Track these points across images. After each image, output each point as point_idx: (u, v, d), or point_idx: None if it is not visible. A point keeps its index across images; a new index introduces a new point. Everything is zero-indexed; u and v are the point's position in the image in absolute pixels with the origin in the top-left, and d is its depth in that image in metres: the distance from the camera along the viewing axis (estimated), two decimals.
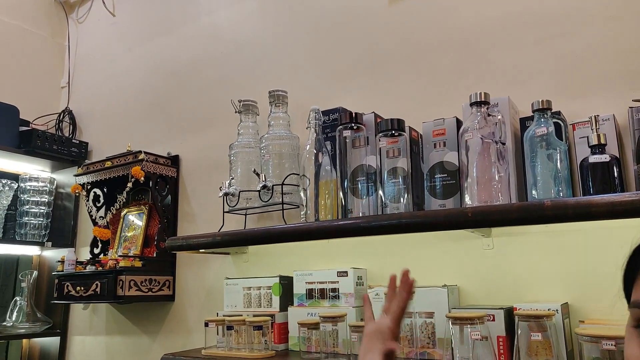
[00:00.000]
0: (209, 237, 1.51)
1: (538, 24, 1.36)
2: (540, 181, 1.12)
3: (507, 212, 1.02)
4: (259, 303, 1.56)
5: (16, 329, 2.12)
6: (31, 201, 2.29)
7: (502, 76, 1.39)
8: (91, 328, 2.21)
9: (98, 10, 2.58)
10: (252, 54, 1.95)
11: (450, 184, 1.23)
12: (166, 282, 1.92)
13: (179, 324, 1.93)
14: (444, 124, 1.27)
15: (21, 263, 2.43)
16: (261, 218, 1.74)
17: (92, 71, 2.57)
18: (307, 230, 1.30)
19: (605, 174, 1.06)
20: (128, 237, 2.03)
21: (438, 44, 1.52)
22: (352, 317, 1.35)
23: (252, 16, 1.98)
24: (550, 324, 1.02)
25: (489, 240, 1.31)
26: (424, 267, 1.40)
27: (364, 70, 1.65)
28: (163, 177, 1.97)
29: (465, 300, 1.33)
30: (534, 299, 1.23)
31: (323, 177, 1.39)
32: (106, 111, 2.44)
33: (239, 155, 1.65)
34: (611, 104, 1.20)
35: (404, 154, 1.27)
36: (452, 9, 1.51)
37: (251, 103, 1.71)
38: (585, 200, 0.94)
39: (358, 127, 1.36)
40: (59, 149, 2.28)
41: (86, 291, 1.83)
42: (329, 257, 1.57)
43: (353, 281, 1.40)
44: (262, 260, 1.74)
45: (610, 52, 1.25)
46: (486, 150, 1.13)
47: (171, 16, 2.26)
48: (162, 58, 2.25)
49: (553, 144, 1.12)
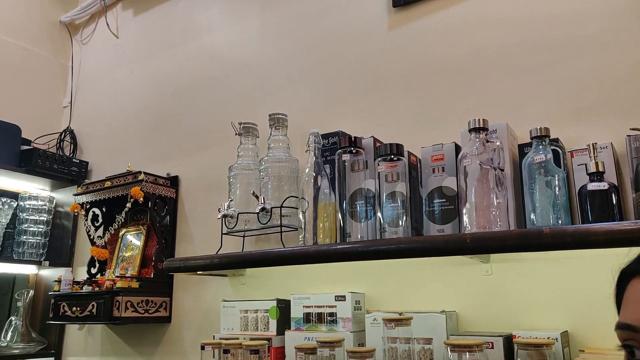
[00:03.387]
0: (206, 259, 1.50)
1: (536, 51, 1.37)
2: (539, 208, 1.12)
3: (506, 239, 1.01)
4: (255, 326, 1.54)
5: (10, 349, 2.09)
6: (30, 220, 2.29)
7: (500, 102, 1.40)
8: (86, 349, 2.18)
9: (102, 32, 2.62)
10: (252, 76, 1.97)
11: (449, 209, 1.23)
12: (163, 304, 1.90)
13: (174, 346, 1.90)
14: (442, 149, 1.28)
15: (17, 282, 2.41)
16: (259, 240, 1.74)
17: (94, 91, 2.59)
18: (305, 254, 1.30)
19: (603, 202, 1.06)
20: (126, 258, 2.02)
21: (437, 69, 1.53)
22: (350, 342, 1.34)
23: (252, 39, 2.01)
24: (550, 353, 1.01)
25: (488, 266, 1.30)
26: (422, 292, 1.40)
27: (363, 93, 1.66)
28: (162, 198, 1.97)
29: (463, 327, 1.32)
30: (533, 326, 1.22)
31: (322, 200, 1.39)
32: (107, 131, 2.45)
33: (238, 177, 1.65)
34: (609, 131, 1.21)
35: (403, 179, 1.28)
36: (451, 35, 1.53)
37: (251, 126, 1.72)
38: (584, 228, 0.94)
39: (357, 151, 1.36)
40: (59, 168, 2.29)
41: (82, 312, 1.81)
42: (327, 280, 1.57)
43: (351, 305, 1.39)
44: (260, 283, 1.73)
45: (607, 80, 1.26)
46: (485, 176, 1.14)
47: (172, 39, 2.29)
48: (163, 79, 2.27)
49: (551, 171, 1.12)
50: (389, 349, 1.21)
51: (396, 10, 1.65)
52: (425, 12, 1.59)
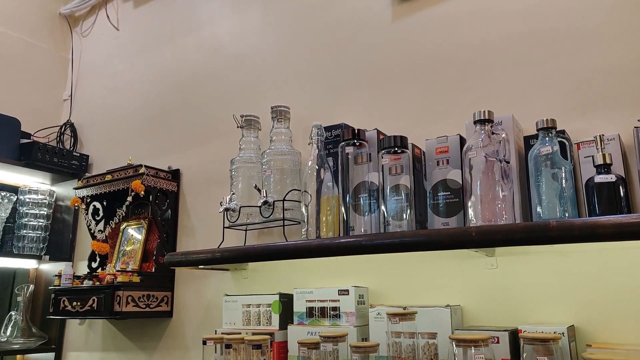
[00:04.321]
0: (208, 253, 1.49)
1: (542, 42, 1.35)
2: (545, 200, 1.10)
3: (512, 232, 1.00)
4: (258, 321, 1.53)
5: (10, 344, 2.08)
6: (30, 214, 2.28)
7: (505, 94, 1.38)
8: (87, 344, 2.17)
9: (102, 24, 2.60)
10: (254, 69, 1.95)
11: (454, 202, 1.21)
12: (164, 298, 1.89)
13: (176, 340, 1.90)
14: (447, 142, 1.26)
15: (18, 276, 2.40)
16: (262, 234, 1.72)
17: (95, 84, 2.57)
18: (308, 248, 1.28)
19: (611, 194, 1.05)
20: (127, 252, 2.01)
21: (441, 61, 1.51)
22: (353, 336, 1.33)
23: (254, 31, 1.99)
24: (556, 348, 1.00)
25: (493, 260, 1.29)
26: (426, 286, 1.38)
27: (367, 86, 1.64)
28: (163, 192, 1.95)
29: (468, 321, 1.30)
30: (539, 320, 1.20)
31: (325, 193, 1.38)
32: (107, 124, 2.43)
33: (240, 170, 1.64)
34: (616, 123, 1.20)
35: (407, 171, 1.26)
36: (455, 26, 1.51)
37: (253, 118, 1.70)
38: (592, 221, 0.92)
39: (360, 144, 1.35)
40: (59, 162, 2.27)
41: (82, 306, 1.80)
42: (330, 274, 1.55)
43: (354, 300, 1.38)
44: (262, 277, 1.71)
45: (614, 71, 1.24)
46: (490, 168, 1.12)
47: (173, 31, 2.27)
48: (163, 72, 2.25)
49: (558, 163, 1.11)
50: (393, 344, 1.19)
51: (400, 2, 1.63)
52: (429, 3, 1.57)
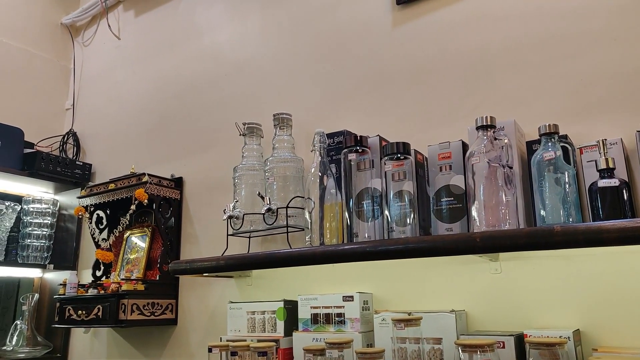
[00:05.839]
0: (212, 260, 1.49)
1: (543, 46, 1.36)
2: (549, 205, 1.10)
3: (516, 238, 1.00)
4: (263, 328, 1.53)
5: (16, 353, 2.08)
6: (34, 223, 2.28)
7: (507, 99, 1.39)
8: (92, 352, 2.17)
9: (103, 34, 2.61)
10: (255, 76, 1.95)
11: (457, 207, 1.22)
12: (169, 306, 1.90)
13: (181, 348, 1.90)
14: (449, 147, 1.27)
15: (22, 286, 2.41)
16: (265, 241, 1.73)
17: (97, 93, 2.58)
18: (312, 255, 1.28)
19: (614, 199, 1.05)
20: (131, 260, 2.01)
21: (442, 66, 1.52)
22: (359, 343, 1.33)
23: (255, 38, 2.00)
24: (562, 352, 1.00)
25: (497, 265, 1.29)
26: (431, 291, 1.39)
27: (368, 92, 1.65)
28: (166, 200, 1.96)
29: (473, 326, 1.30)
30: (544, 325, 1.20)
31: (328, 200, 1.38)
32: (110, 133, 2.44)
33: (243, 177, 1.64)
34: (618, 127, 1.20)
35: (410, 177, 1.26)
36: (456, 31, 1.52)
37: (255, 126, 1.71)
38: (596, 226, 0.92)
39: (363, 150, 1.35)
40: (62, 171, 2.28)
41: (88, 315, 1.80)
42: (334, 280, 1.56)
43: (359, 306, 1.38)
44: (267, 284, 1.72)
45: (616, 75, 1.25)
46: (493, 174, 1.12)
47: (174, 39, 2.28)
48: (165, 80, 2.26)
49: (561, 168, 1.11)
50: (399, 350, 1.20)
51: (400, 8, 1.64)
52: (429, 9, 1.58)
